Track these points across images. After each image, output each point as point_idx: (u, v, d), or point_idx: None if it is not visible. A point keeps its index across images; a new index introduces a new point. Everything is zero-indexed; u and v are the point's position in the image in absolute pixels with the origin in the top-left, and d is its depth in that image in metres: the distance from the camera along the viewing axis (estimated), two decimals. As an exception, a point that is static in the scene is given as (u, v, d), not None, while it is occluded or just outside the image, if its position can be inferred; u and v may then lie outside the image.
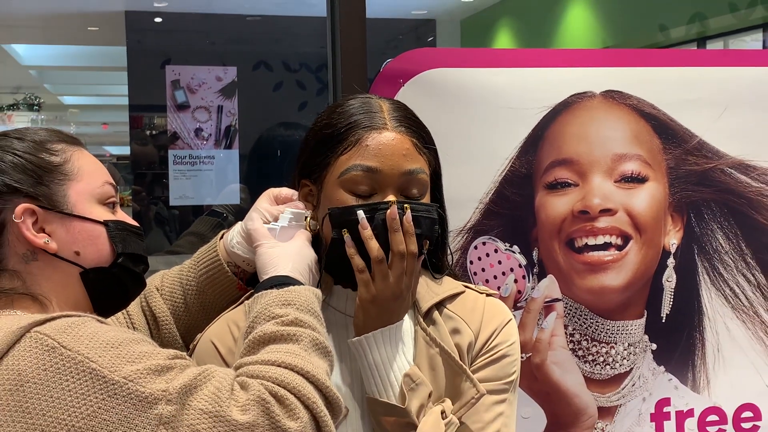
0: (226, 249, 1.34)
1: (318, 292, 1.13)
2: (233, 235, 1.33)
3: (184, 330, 1.35)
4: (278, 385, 0.98)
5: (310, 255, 1.20)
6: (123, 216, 1.16)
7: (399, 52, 1.64)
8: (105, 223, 1.11)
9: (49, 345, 0.96)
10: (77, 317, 1.02)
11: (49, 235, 1.08)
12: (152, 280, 1.37)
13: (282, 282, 1.12)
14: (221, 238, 1.36)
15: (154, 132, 4.82)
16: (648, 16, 6.00)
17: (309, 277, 1.17)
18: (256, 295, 1.12)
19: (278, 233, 1.21)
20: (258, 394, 0.96)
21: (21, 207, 1.06)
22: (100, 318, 1.06)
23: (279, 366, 1.00)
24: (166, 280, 1.37)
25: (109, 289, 1.13)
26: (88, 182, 1.12)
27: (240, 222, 1.33)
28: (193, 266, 1.36)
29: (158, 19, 5.57)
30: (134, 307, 1.33)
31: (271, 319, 1.06)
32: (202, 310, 1.35)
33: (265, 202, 1.29)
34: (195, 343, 1.26)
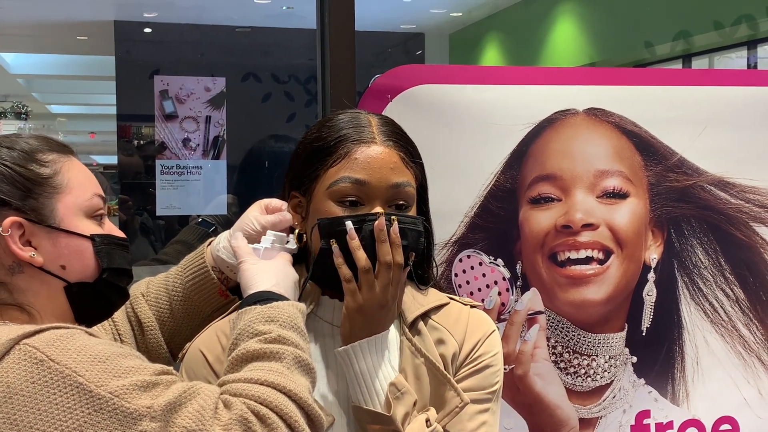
0: (212, 254, 1.36)
1: (302, 306, 1.14)
2: (220, 240, 1.35)
3: (168, 336, 1.37)
4: (260, 403, 0.99)
5: (292, 273, 1.21)
6: (110, 228, 1.16)
7: (388, 65, 1.66)
8: (92, 238, 1.12)
9: (38, 358, 0.97)
10: (66, 329, 1.02)
11: (36, 249, 1.08)
12: (137, 287, 1.38)
13: (266, 297, 1.13)
14: (209, 245, 1.39)
15: (141, 141, 4.82)
16: (634, 34, 6.08)
17: (293, 293, 1.18)
18: (239, 311, 1.12)
19: (261, 253, 1.23)
20: (240, 413, 0.97)
21: (9, 220, 1.06)
22: (89, 330, 1.06)
23: (261, 384, 1.01)
24: (151, 287, 1.39)
25: (92, 303, 1.14)
26: (77, 195, 1.12)
27: (228, 230, 1.36)
28: (180, 273, 1.38)
29: (147, 30, 5.59)
30: (119, 314, 1.34)
31: (254, 336, 1.07)
32: (187, 317, 1.37)
33: (255, 211, 1.32)
34: (184, 352, 1.28)
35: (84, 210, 1.12)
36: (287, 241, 1.26)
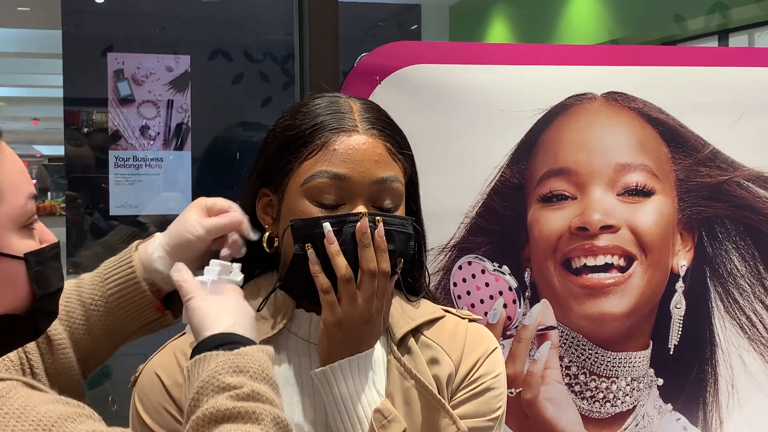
0: (144, 264, 1.32)
1: (270, 350, 1.12)
2: (154, 249, 1.32)
3: (82, 355, 1.32)
4: None
5: (249, 309, 1.17)
6: (41, 233, 1.09)
7: (378, 41, 1.67)
8: (25, 258, 1.04)
9: None
10: (1, 383, 0.96)
11: None
12: None
13: (228, 341, 1.09)
14: (136, 249, 1.34)
15: (92, 129, 4.81)
16: (663, 6, 6.10)
17: (253, 333, 1.14)
18: (197, 357, 1.08)
19: (209, 287, 1.20)
20: None
21: None
22: (29, 381, 1.00)
23: None
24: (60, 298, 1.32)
25: (20, 336, 1.08)
26: (10, 202, 1.03)
27: (160, 233, 1.32)
28: (99, 283, 1.33)
29: (99, 0, 5.59)
30: None
31: (222, 391, 1.02)
32: (108, 334, 1.33)
33: (195, 213, 1.29)
34: (136, 375, 1.28)
35: (17, 221, 1.04)
36: (231, 271, 1.24)
